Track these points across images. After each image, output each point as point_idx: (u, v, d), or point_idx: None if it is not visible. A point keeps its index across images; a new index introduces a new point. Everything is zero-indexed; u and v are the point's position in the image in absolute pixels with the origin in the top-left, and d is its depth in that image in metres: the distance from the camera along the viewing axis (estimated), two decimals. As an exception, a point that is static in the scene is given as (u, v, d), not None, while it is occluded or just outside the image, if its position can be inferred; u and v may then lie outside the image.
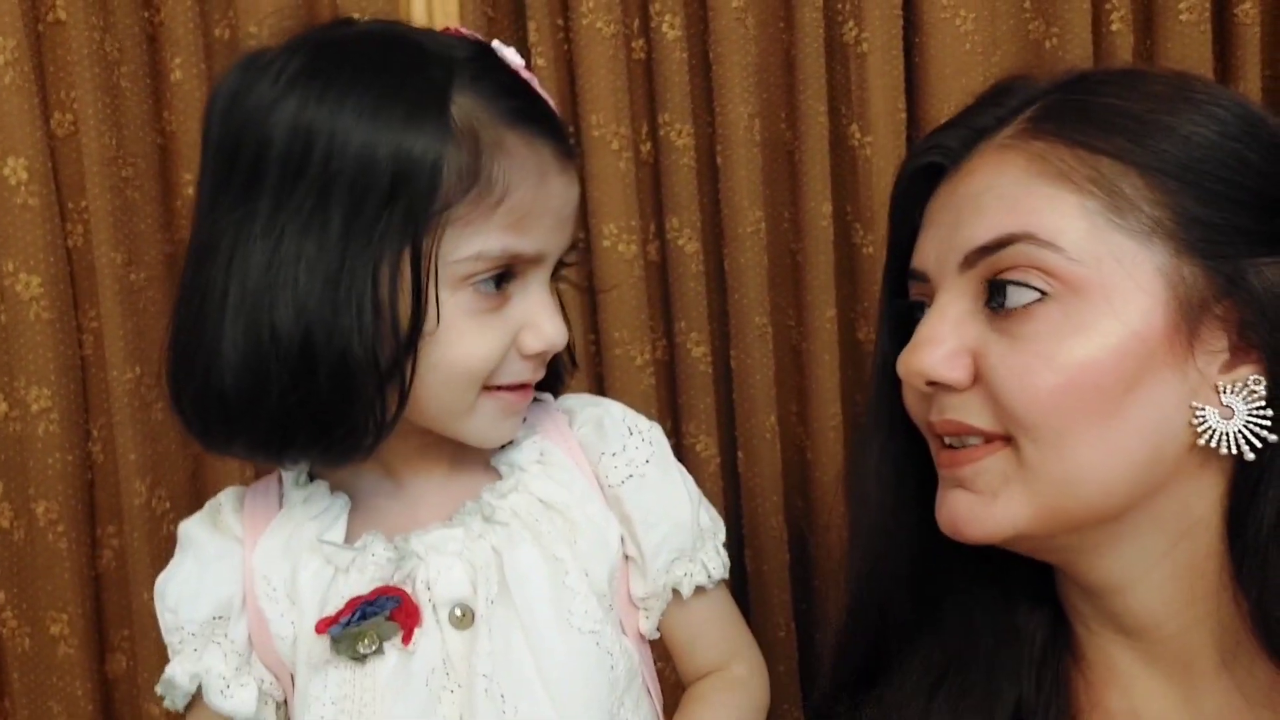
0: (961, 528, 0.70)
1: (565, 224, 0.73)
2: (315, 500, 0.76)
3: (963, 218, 0.70)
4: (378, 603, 0.71)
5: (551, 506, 0.76)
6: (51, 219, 1.07)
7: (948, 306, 0.70)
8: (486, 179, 0.67)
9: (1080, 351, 0.65)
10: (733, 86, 1.11)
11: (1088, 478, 0.66)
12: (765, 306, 1.14)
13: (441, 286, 0.68)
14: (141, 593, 1.08)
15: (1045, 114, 0.71)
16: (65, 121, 1.08)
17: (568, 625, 0.73)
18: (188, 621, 0.76)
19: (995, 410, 0.67)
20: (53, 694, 1.11)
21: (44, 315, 1.07)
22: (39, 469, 1.08)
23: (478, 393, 0.72)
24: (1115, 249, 0.65)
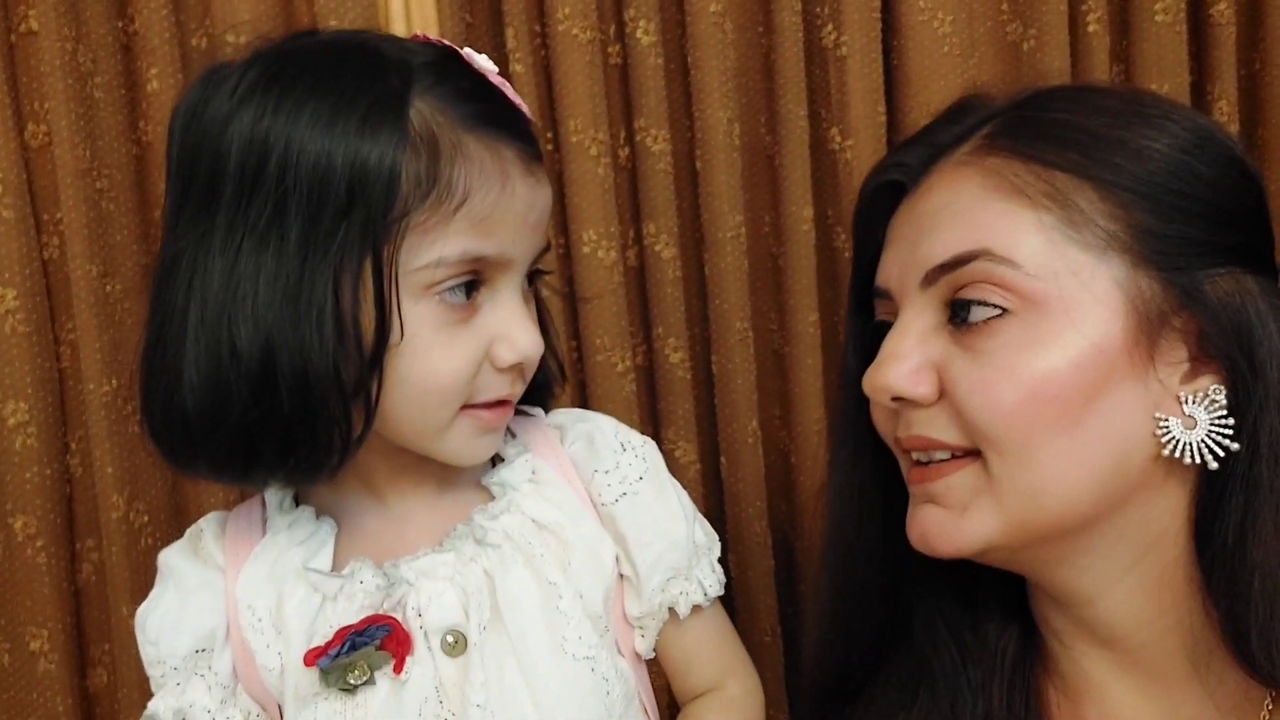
0: (932, 542, 0.71)
1: (533, 229, 0.72)
2: (300, 526, 0.75)
3: (921, 235, 0.71)
4: (368, 632, 0.69)
5: (544, 527, 0.74)
6: (27, 231, 1.06)
7: (911, 323, 0.71)
8: (446, 184, 0.66)
9: (1041, 364, 0.65)
10: (711, 91, 1.11)
11: (1053, 489, 0.66)
12: (746, 311, 1.13)
13: (405, 297, 0.66)
14: (121, 607, 1.08)
15: (1001, 131, 0.71)
16: (39, 133, 1.07)
17: (562, 651, 0.71)
18: (169, 655, 0.74)
19: (961, 425, 0.68)
20: (33, 710, 1.09)
21: (20, 328, 1.06)
22: (16, 483, 1.07)
23: (454, 411, 0.70)
24: (1072, 263, 0.66)
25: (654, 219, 1.12)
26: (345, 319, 0.65)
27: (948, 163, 0.73)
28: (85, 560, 1.12)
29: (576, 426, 0.80)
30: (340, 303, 0.65)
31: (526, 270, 0.72)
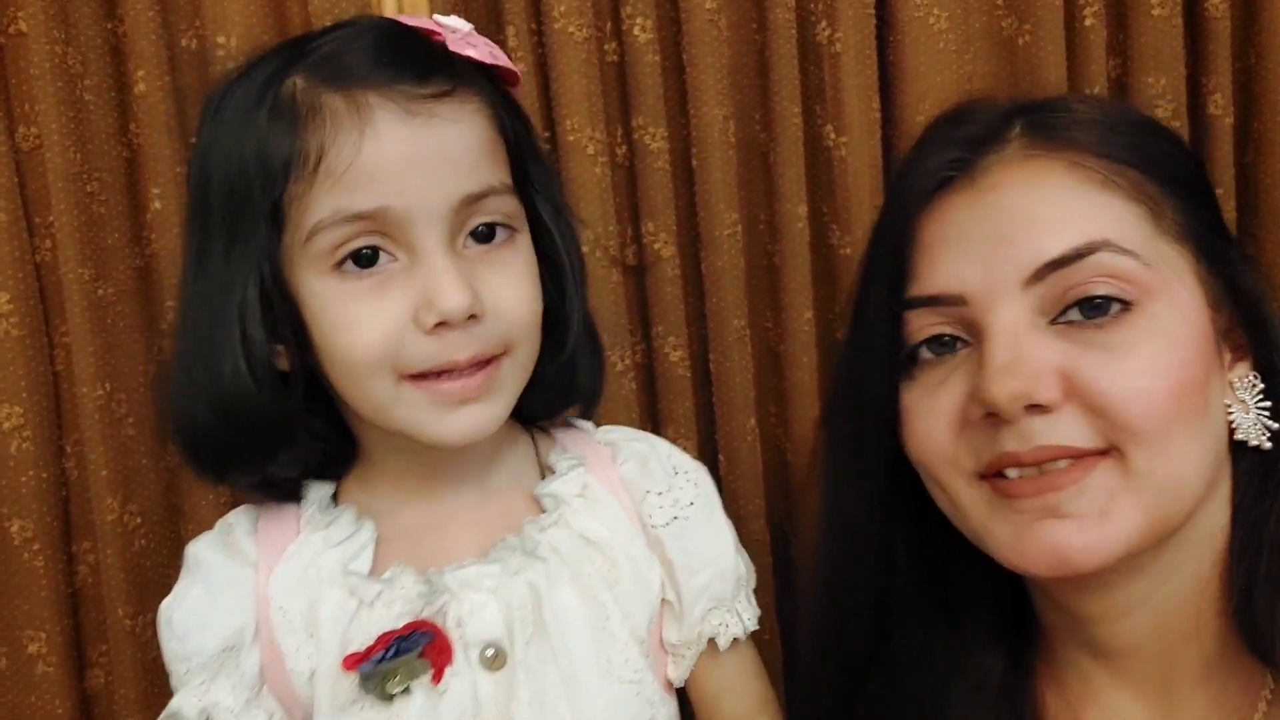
0: (1073, 558, 0.65)
1: (429, 172, 0.65)
2: (339, 526, 0.73)
3: (1016, 231, 0.67)
4: (411, 638, 0.68)
5: (593, 544, 0.73)
6: (19, 234, 1.05)
7: (1017, 326, 0.66)
8: (301, 149, 0.64)
9: (1175, 354, 0.65)
10: (706, 89, 1.10)
11: (1190, 479, 0.66)
12: (743, 309, 1.13)
13: (309, 275, 0.66)
14: (117, 609, 1.08)
15: (1046, 126, 0.70)
16: (30, 135, 1.06)
17: (608, 674, 0.70)
18: (195, 652, 0.72)
19: (1098, 424, 0.65)
20: (32, 713, 1.09)
21: (14, 331, 1.06)
22: (12, 487, 1.07)
23: (394, 382, 0.67)
24: (1165, 254, 0.67)
25: (652, 217, 1.12)
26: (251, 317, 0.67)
27: (1007, 158, 0.70)
28: (82, 562, 1.11)
29: (630, 445, 0.78)
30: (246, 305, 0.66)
31: (454, 221, 0.67)
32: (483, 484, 0.75)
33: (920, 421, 0.71)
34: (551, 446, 0.79)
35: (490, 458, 0.76)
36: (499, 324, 0.68)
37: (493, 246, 0.69)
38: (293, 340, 0.68)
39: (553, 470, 0.76)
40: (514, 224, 0.71)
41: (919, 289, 0.71)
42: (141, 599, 1.09)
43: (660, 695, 0.73)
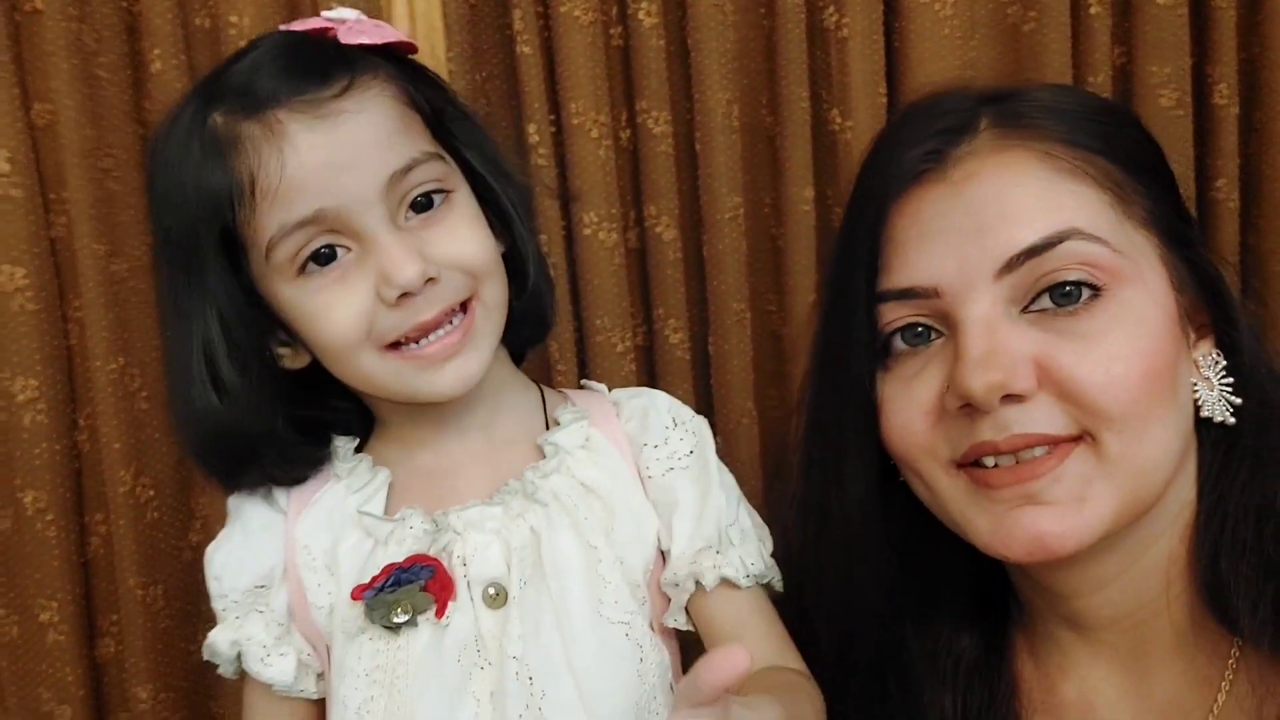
0: (1051, 544, 0.66)
1: (348, 168, 0.70)
2: (358, 474, 0.78)
3: (989, 223, 0.68)
4: (412, 570, 0.72)
5: (592, 491, 0.77)
6: (35, 210, 1.07)
7: (989, 315, 0.67)
8: (236, 180, 0.70)
9: (1146, 339, 0.67)
10: (710, 73, 1.11)
11: (1161, 460, 0.68)
12: (744, 292, 1.14)
13: (280, 285, 0.72)
14: (128, 579, 1.10)
15: (1015, 116, 0.71)
16: (45, 112, 1.08)
17: (598, 615, 0.73)
18: (231, 590, 0.78)
19: (1069, 411, 0.66)
20: (42, 681, 1.12)
21: (29, 306, 1.08)
22: (26, 459, 1.09)
23: (376, 354, 0.73)
24: (1132, 239, 0.68)
25: (655, 201, 1.13)
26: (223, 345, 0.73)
27: (977, 148, 0.70)
28: (94, 534, 1.14)
29: (632, 402, 0.82)
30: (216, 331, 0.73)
31: (389, 199, 0.71)
32: (489, 434, 0.80)
33: (897, 414, 0.72)
34: (561, 403, 0.83)
35: (496, 410, 0.81)
36: (456, 277, 0.73)
37: (433, 211, 0.74)
38: (292, 341, 0.76)
39: (558, 423, 0.80)
40: (446, 185, 0.75)
41: (892, 282, 0.71)
42: (152, 570, 1.12)
43: (650, 639, 0.76)
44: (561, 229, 1.13)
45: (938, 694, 0.76)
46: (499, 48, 1.13)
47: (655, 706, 0.74)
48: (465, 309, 0.74)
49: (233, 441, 0.76)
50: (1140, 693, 0.72)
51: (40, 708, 1.12)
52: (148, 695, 1.11)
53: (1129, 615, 0.72)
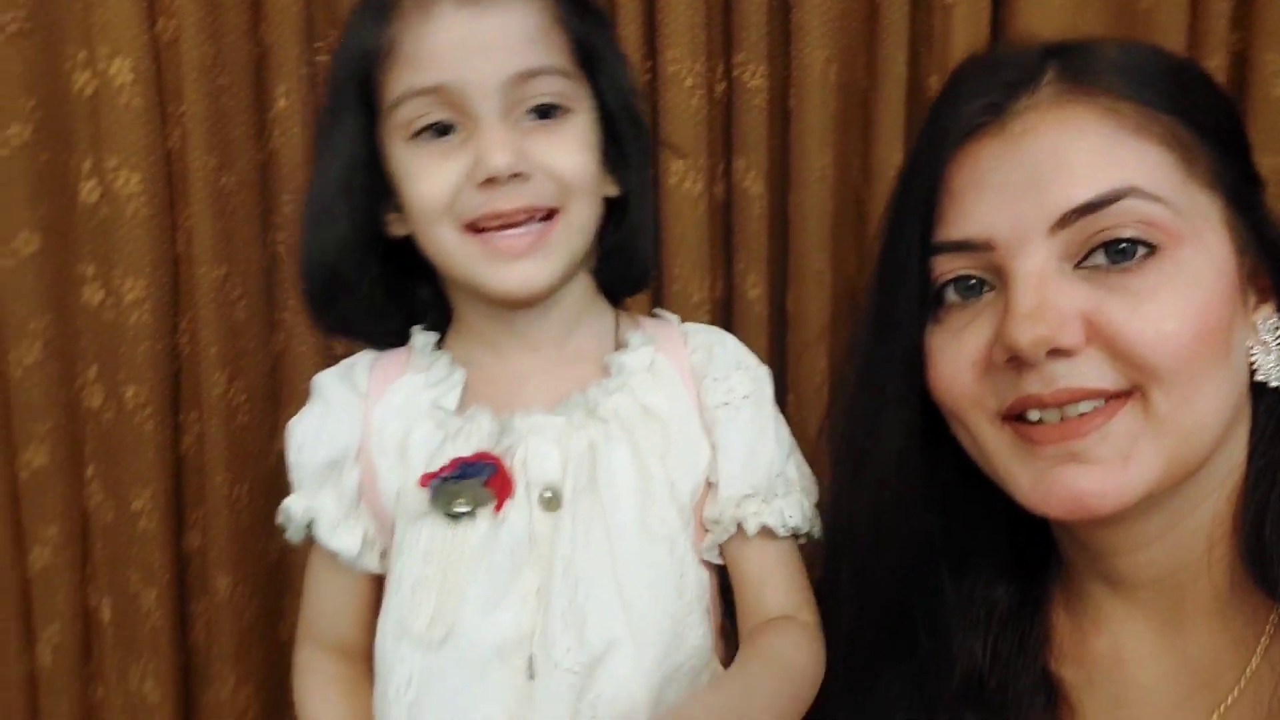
0: (1091, 503, 0.67)
1: (480, 52, 0.76)
2: (436, 369, 0.84)
3: (1044, 178, 0.68)
4: (476, 465, 0.77)
5: (652, 414, 0.80)
6: (153, 120, 1.12)
7: (1043, 269, 0.67)
8: (384, 40, 0.77)
9: (1200, 297, 0.66)
10: (811, 30, 1.11)
11: (1210, 422, 0.68)
12: (826, 251, 1.15)
13: (395, 144, 0.78)
14: (215, 476, 1.16)
15: (1081, 70, 0.70)
16: (169, 27, 1.13)
17: (645, 529, 0.77)
18: (308, 462, 0.84)
19: (1118, 367, 0.66)
20: (132, 564, 1.19)
21: (143, 211, 1.13)
22: (130, 355, 1.15)
23: (455, 230, 0.78)
24: (1195, 200, 0.68)
25: (744, 154, 1.14)
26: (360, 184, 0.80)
27: (1039, 102, 0.70)
28: (187, 431, 1.20)
29: (702, 336, 0.86)
30: (355, 171, 0.80)
31: (510, 97, 0.76)
32: (560, 348, 0.84)
33: (946, 364, 0.73)
34: (633, 327, 0.86)
35: (571, 327, 0.85)
36: (547, 183, 0.77)
37: (550, 121, 0.78)
38: (396, 205, 0.81)
39: (626, 345, 0.84)
40: (568, 104, 0.79)
41: (947, 233, 0.72)
42: (239, 470, 1.18)
43: (692, 558, 0.79)
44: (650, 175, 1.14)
45: (968, 640, 0.77)
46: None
47: (692, 621, 0.78)
48: (550, 219, 0.78)
49: (330, 277, 0.82)
50: (1173, 651, 0.73)
51: (129, 589, 1.19)
52: (226, 585, 1.18)
53: (1169, 575, 0.72)
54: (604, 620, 0.75)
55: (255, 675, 1.22)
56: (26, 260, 1.14)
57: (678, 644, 0.77)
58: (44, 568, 1.19)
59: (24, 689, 1.21)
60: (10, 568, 1.19)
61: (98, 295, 1.17)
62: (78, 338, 1.18)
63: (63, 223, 1.16)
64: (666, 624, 0.77)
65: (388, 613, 0.79)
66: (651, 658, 0.76)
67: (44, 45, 1.12)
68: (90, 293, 1.17)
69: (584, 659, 0.74)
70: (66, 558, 1.19)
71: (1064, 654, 0.77)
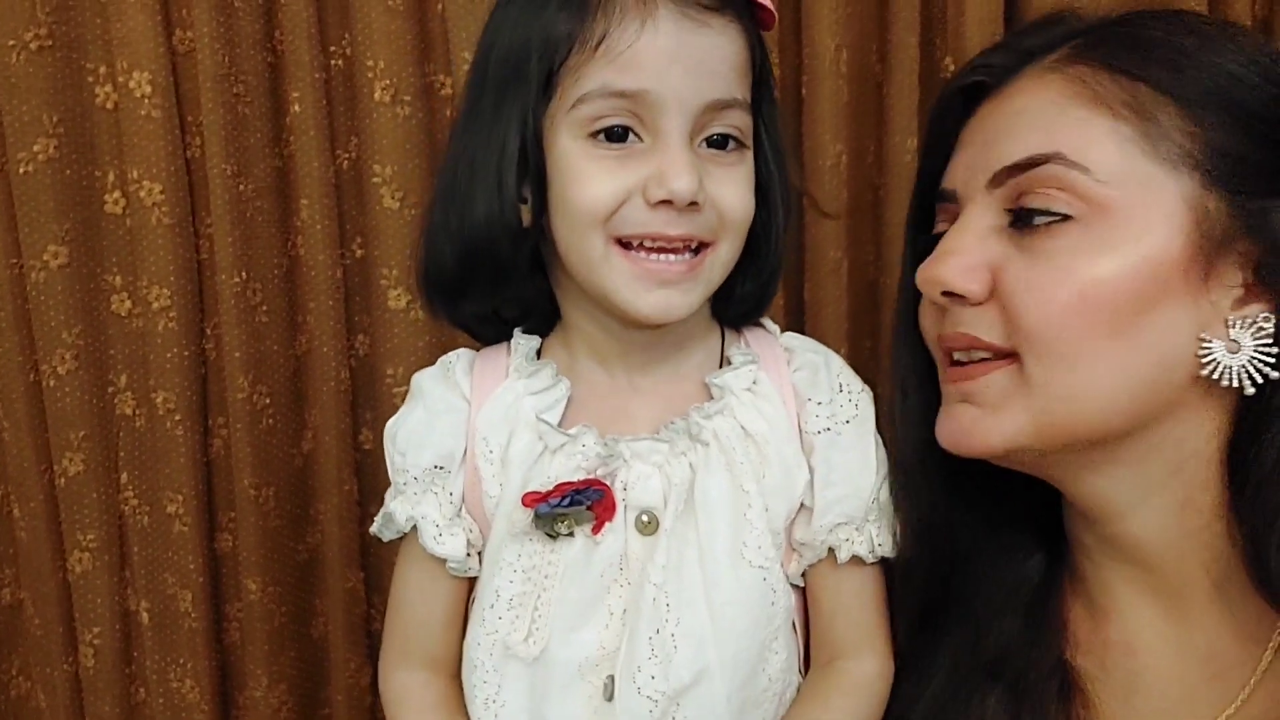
0: (961, 439, 0.73)
1: (687, 69, 0.73)
2: (540, 378, 0.82)
3: (996, 137, 0.72)
4: (586, 493, 0.76)
5: (751, 437, 0.79)
6: (172, 130, 1.14)
7: (972, 222, 0.73)
8: (589, 28, 0.73)
9: (1097, 270, 0.67)
10: (822, 18, 1.10)
11: (1090, 395, 0.68)
12: (842, 240, 1.14)
13: (564, 137, 0.75)
14: (243, 479, 1.18)
15: (1092, 42, 0.72)
16: (186, 39, 1.15)
17: (740, 556, 0.77)
18: (413, 465, 0.82)
19: (1007, 326, 0.70)
20: (168, 566, 1.22)
21: (165, 220, 1.15)
22: (159, 362, 1.18)
23: (604, 240, 0.75)
24: (1142, 174, 0.67)
25: (758, 144, 1.14)
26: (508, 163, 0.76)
27: (1034, 68, 0.73)
28: (216, 436, 1.22)
29: (806, 354, 0.83)
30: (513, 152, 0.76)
31: (698, 121, 0.74)
32: (669, 367, 0.83)
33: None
34: (736, 341, 0.85)
35: (680, 346, 0.83)
36: (713, 216, 0.75)
37: (724, 154, 0.77)
38: (536, 196, 0.77)
39: (730, 362, 0.82)
40: (744, 139, 0.78)
41: (943, 181, 0.78)
42: (265, 473, 1.20)
43: (783, 585, 0.79)
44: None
45: (1001, 617, 0.78)
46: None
47: (777, 646, 0.78)
48: (699, 252, 0.76)
49: (491, 261, 0.78)
50: (1182, 639, 0.73)
51: (165, 591, 1.22)
52: (257, 587, 1.20)
53: (1165, 550, 0.72)
54: (694, 650, 0.75)
55: (288, 675, 1.24)
56: (56, 272, 1.16)
57: (762, 668, 0.78)
58: (84, 572, 1.22)
59: (69, 691, 1.24)
60: (51, 573, 1.22)
61: (125, 304, 1.19)
62: (108, 347, 1.20)
63: (89, 234, 1.18)
64: (754, 651, 0.77)
65: (483, 624, 0.79)
66: (736, 683, 0.76)
67: (65, 60, 1.14)
68: (118, 302, 1.19)
69: (668, 688, 0.74)
70: (105, 562, 1.22)
71: (1078, 642, 0.77)
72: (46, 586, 1.22)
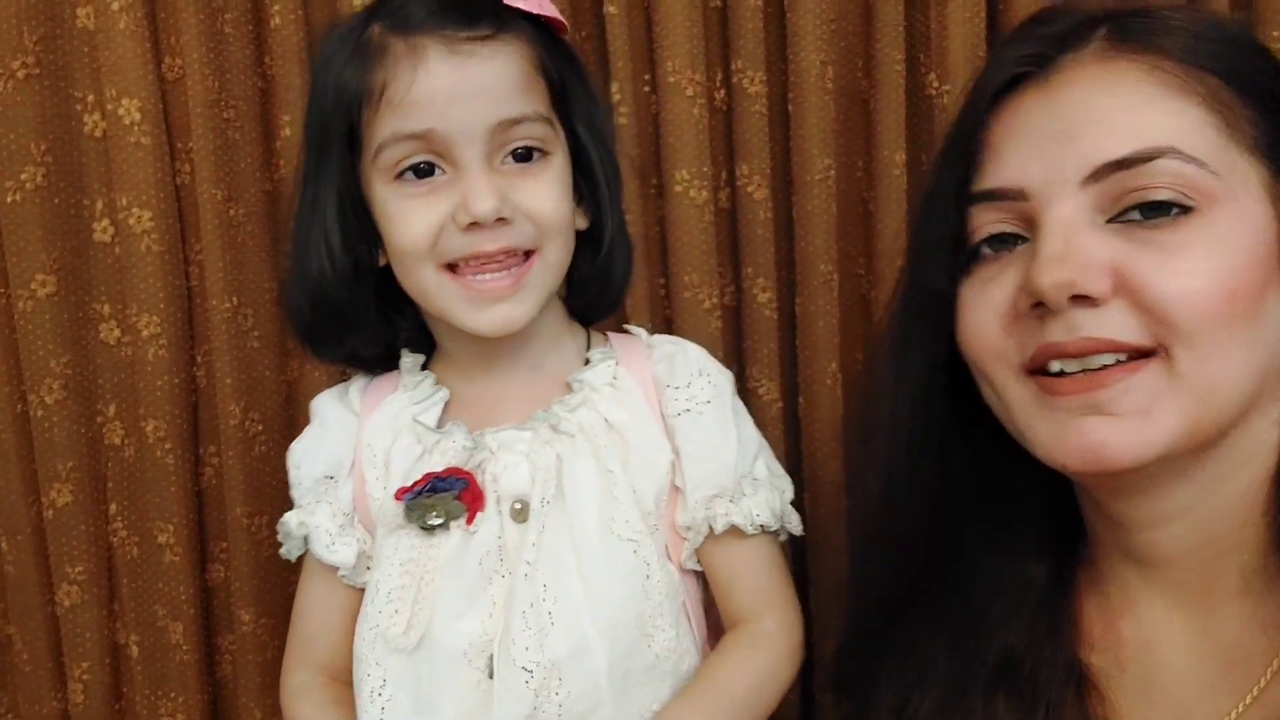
0: (1110, 454, 0.66)
1: (468, 101, 0.79)
2: (422, 388, 0.88)
3: (1079, 130, 0.68)
4: (448, 480, 0.81)
5: (613, 427, 0.84)
6: (161, 157, 1.14)
7: (1070, 219, 0.67)
8: (373, 81, 0.79)
9: (1230, 259, 0.66)
10: (806, 34, 1.11)
11: (1233, 386, 0.67)
12: (832, 254, 1.15)
13: (378, 184, 0.81)
14: (235, 508, 1.17)
15: (1132, 30, 0.70)
16: (175, 66, 1.15)
17: (609, 531, 0.80)
18: (305, 478, 0.89)
19: (1145, 322, 0.66)
20: (158, 598, 1.20)
21: (154, 248, 1.14)
22: (148, 390, 1.16)
23: (435, 270, 0.81)
24: (1235, 164, 0.67)
25: (747, 160, 1.14)
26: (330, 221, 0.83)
27: (1084, 57, 0.71)
28: (207, 464, 1.21)
29: (665, 347, 0.89)
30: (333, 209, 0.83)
31: (493, 142, 0.80)
32: (533, 369, 0.88)
33: (973, 315, 0.73)
34: (601, 344, 0.91)
35: (544, 351, 0.89)
36: (526, 225, 0.81)
37: (529, 165, 0.82)
38: (374, 241, 0.84)
39: (590, 361, 0.88)
40: (547, 147, 0.83)
41: (983, 183, 0.72)
42: (259, 501, 1.19)
43: (657, 559, 0.82)
44: (653, 186, 1.15)
45: (1007, 619, 0.77)
46: (592, 5, 1.15)
47: (661, 624, 0.81)
48: (527, 260, 0.81)
49: (332, 311, 0.85)
50: (1201, 633, 0.71)
51: (155, 623, 1.20)
52: (250, 619, 1.18)
53: (1196, 553, 0.71)
54: (570, 622, 0.78)
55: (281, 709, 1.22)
56: (44, 301, 1.16)
57: (645, 644, 0.80)
58: (72, 605, 1.20)
59: (57, 728, 1.21)
60: (40, 607, 1.20)
61: (114, 333, 1.18)
62: (96, 375, 1.19)
63: (77, 262, 1.17)
64: (632, 623, 0.80)
65: (365, 619, 0.83)
66: (616, 656, 0.79)
67: (53, 89, 1.14)
68: (107, 331, 1.18)
69: (543, 658, 0.77)
70: (94, 595, 1.20)
71: (1093, 640, 0.76)
72: (35, 621, 1.20)
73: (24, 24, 1.12)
